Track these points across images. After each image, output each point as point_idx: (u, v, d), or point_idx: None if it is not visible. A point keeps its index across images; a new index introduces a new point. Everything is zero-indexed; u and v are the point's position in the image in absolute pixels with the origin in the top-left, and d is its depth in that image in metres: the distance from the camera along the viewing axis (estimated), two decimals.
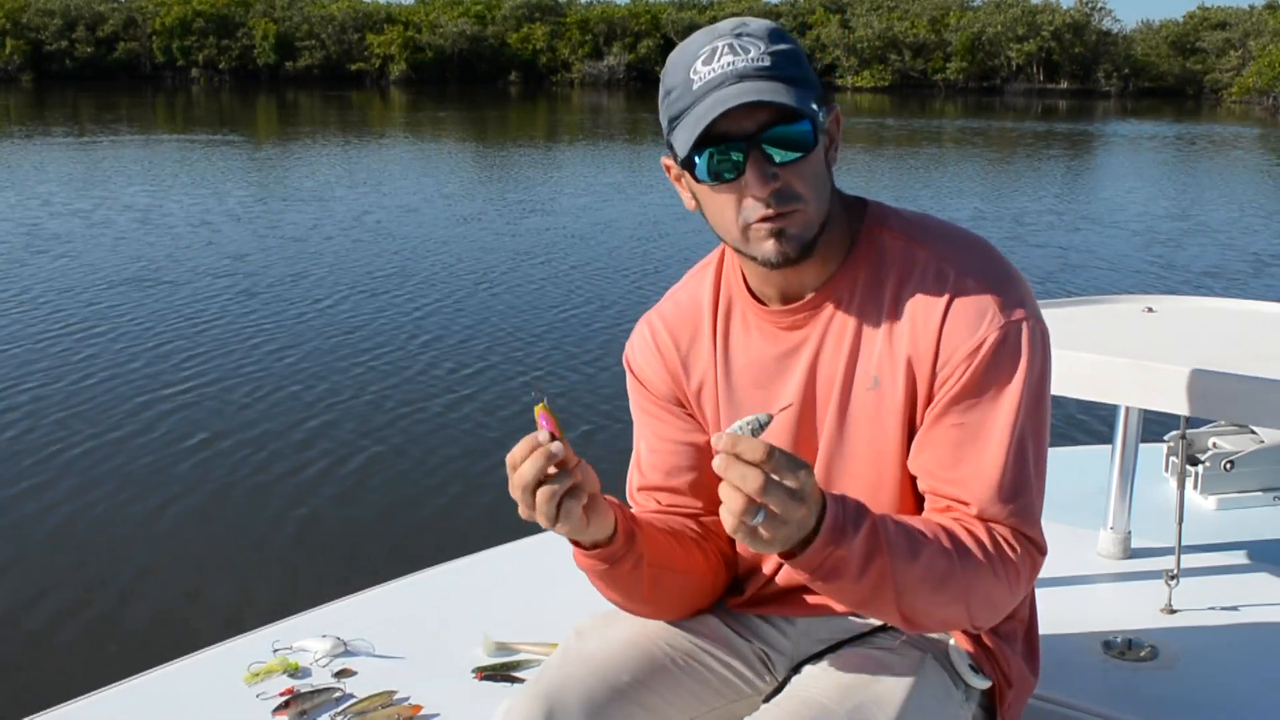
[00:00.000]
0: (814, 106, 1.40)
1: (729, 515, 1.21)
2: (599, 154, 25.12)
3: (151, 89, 57.77)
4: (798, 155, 1.40)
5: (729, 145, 1.39)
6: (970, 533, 1.42)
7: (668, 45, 71.29)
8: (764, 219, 1.41)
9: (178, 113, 40.25)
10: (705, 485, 1.63)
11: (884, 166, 22.52)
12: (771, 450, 1.20)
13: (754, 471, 1.19)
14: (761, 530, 1.22)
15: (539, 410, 1.33)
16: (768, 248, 1.43)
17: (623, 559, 1.48)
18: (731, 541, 1.66)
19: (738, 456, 1.20)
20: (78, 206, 14.74)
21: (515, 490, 1.33)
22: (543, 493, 1.32)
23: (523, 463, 1.31)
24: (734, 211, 1.43)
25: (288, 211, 14.71)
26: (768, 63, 1.38)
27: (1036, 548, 1.47)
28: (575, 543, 1.48)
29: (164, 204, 15.17)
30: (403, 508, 5.21)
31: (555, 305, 9.38)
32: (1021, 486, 1.45)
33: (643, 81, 70.16)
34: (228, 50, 70.49)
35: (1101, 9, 72.53)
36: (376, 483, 5.49)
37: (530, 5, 75.03)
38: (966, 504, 1.45)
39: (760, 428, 1.24)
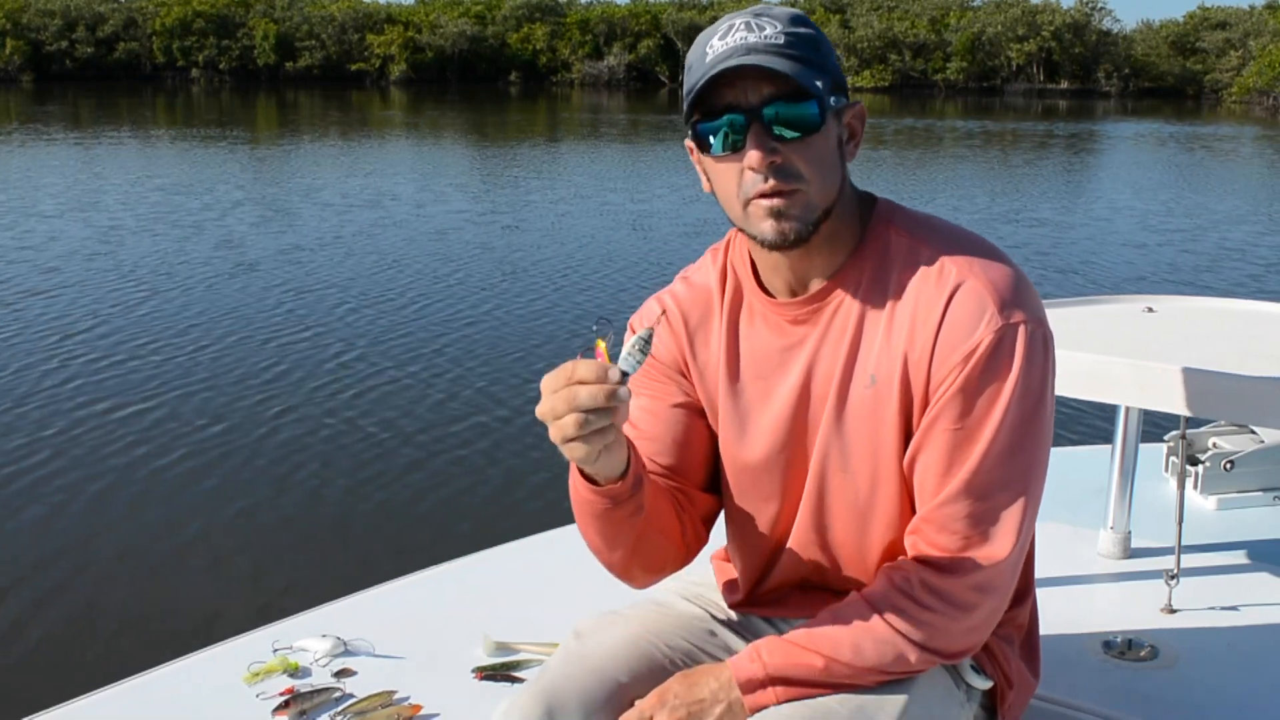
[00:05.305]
0: (819, 86, 1.39)
1: None
2: (598, 154, 25.11)
3: (151, 89, 57.73)
4: (799, 135, 1.40)
5: (731, 115, 1.40)
6: (895, 606, 1.44)
7: (668, 45, 71.32)
8: (762, 194, 1.41)
9: (178, 113, 40.23)
10: (694, 455, 1.62)
11: (884, 166, 22.51)
12: (643, 709, 1.45)
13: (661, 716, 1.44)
14: None
15: (600, 346, 1.28)
16: (766, 228, 1.42)
17: (626, 502, 1.45)
18: (709, 518, 1.67)
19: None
20: (76, 206, 14.75)
21: (563, 406, 1.26)
22: (594, 419, 1.26)
23: (583, 387, 1.26)
24: (736, 185, 1.43)
25: (287, 211, 14.70)
26: (781, 40, 1.39)
27: (990, 564, 1.43)
28: (585, 476, 1.43)
29: (162, 203, 15.17)
30: (402, 507, 5.22)
31: (554, 304, 9.38)
32: (989, 495, 1.43)
33: (643, 82, 70.15)
34: (228, 50, 70.45)
35: (1101, 9, 72.44)
36: (376, 483, 5.49)
37: (530, 5, 74.99)
38: (929, 520, 1.45)
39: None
